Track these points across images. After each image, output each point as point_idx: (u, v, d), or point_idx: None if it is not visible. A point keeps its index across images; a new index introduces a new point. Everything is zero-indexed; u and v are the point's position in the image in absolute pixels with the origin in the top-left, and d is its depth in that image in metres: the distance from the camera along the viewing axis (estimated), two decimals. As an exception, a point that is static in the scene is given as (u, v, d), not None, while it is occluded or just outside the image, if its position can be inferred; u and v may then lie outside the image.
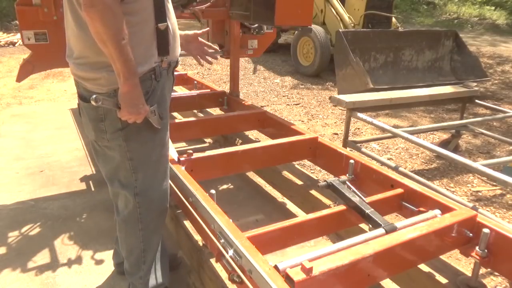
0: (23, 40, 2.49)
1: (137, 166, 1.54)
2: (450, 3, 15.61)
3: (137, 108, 1.37)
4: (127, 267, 1.74)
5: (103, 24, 1.22)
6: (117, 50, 1.26)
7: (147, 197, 1.60)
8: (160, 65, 1.47)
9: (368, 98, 2.99)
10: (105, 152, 1.56)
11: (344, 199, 1.72)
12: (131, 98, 1.35)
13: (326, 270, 1.20)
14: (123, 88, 1.33)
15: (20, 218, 2.51)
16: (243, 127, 2.91)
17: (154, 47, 1.44)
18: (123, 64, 1.28)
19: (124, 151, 1.51)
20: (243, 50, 3.19)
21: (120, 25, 1.25)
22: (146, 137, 1.51)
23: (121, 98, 1.35)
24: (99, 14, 1.21)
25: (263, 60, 7.62)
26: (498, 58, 8.25)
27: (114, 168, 1.57)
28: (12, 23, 10.08)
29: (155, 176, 1.61)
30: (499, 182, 2.04)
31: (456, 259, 2.13)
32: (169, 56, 1.50)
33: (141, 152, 1.53)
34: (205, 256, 1.71)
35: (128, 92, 1.34)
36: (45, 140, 3.73)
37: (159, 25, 1.42)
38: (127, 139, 1.49)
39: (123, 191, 1.59)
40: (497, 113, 3.39)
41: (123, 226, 1.67)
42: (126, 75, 1.30)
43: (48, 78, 6.11)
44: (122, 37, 1.26)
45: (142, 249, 1.67)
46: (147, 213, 1.62)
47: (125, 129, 1.47)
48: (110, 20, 1.23)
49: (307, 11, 2.40)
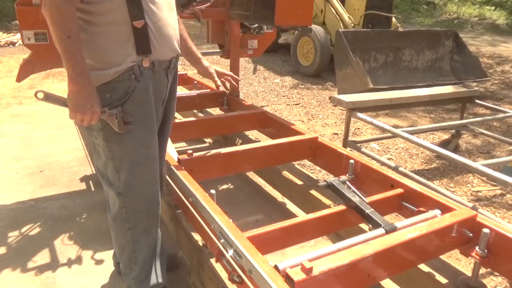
0: (23, 40, 2.48)
1: (118, 166, 1.54)
2: (450, 3, 15.60)
3: (83, 109, 1.35)
4: (122, 267, 1.77)
5: (50, 22, 1.26)
6: (61, 48, 1.28)
7: (131, 197, 1.60)
8: (140, 64, 1.44)
9: (368, 98, 2.99)
10: (96, 148, 1.59)
11: (344, 199, 1.71)
12: (76, 98, 1.34)
13: (326, 270, 1.19)
14: (69, 87, 1.34)
15: (20, 218, 2.51)
16: (243, 127, 2.90)
17: (131, 46, 1.41)
18: (67, 62, 1.29)
19: (106, 150, 1.52)
20: (243, 50, 3.19)
21: (65, 23, 1.26)
22: (124, 138, 1.49)
23: (68, 97, 1.36)
24: (48, 12, 1.26)
25: (263, 60, 7.62)
26: (498, 58, 8.25)
27: (103, 165, 1.59)
28: (12, 23, 10.09)
29: (139, 177, 1.58)
30: (499, 182, 2.04)
31: (456, 259, 2.13)
32: (152, 54, 1.46)
33: (121, 153, 1.52)
34: (205, 256, 1.71)
35: (74, 91, 1.34)
36: (45, 140, 3.73)
37: (135, 23, 1.39)
38: (106, 139, 1.49)
39: (110, 189, 1.61)
40: (497, 113, 3.38)
41: (113, 224, 1.70)
42: (72, 74, 1.31)
43: (48, 78, 6.11)
44: (68, 35, 1.27)
45: (132, 250, 1.68)
46: (133, 213, 1.62)
47: (104, 129, 1.47)
48: (56, 18, 1.26)
49: (307, 11, 2.40)
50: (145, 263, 1.71)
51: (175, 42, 1.58)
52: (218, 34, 3.16)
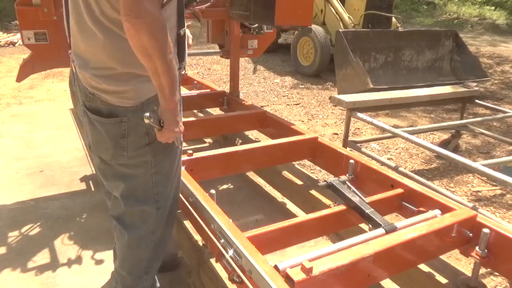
0: (23, 40, 2.49)
1: (160, 180, 1.47)
2: (450, 3, 15.59)
3: (179, 127, 1.31)
4: (127, 284, 1.62)
5: (151, 37, 1.13)
6: (164, 64, 1.18)
7: (167, 207, 1.56)
8: (179, 72, 1.39)
9: (368, 98, 2.99)
10: (121, 170, 1.44)
11: (344, 199, 1.72)
12: (175, 115, 1.27)
13: (326, 270, 1.20)
14: (169, 104, 1.24)
15: (20, 218, 2.50)
16: (243, 127, 2.91)
17: (175, 55, 1.36)
18: (169, 79, 1.21)
19: (150, 167, 1.42)
20: (243, 50, 3.19)
21: (167, 37, 1.17)
22: (171, 149, 1.46)
23: (165, 116, 1.26)
24: (146, 26, 1.12)
25: (263, 60, 7.62)
26: (497, 58, 8.24)
27: (132, 186, 1.46)
28: (12, 23, 10.10)
29: (175, 186, 1.59)
30: (499, 182, 2.04)
31: (456, 259, 2.13)
32: (184, 61, 1.45)
33: (167, 165, 1.48)
34: (205, 256, 1.71)
35: (171, 109, 1.26)
36: (45, 140, 3.73)
37: (180, 31, 1.36)
38: (155, 154, 1.41)
39: (143, 207, 1.49)
40: (497, 113, 3.39)
41: (136, 243, 1.55)
42: (173, 90, 1.23)
43: (48, 78, 6.11)
44: (170, 51, 1.19)
45: (148, 260, 1.60)
46: (161, 225, 1.57)
47: (152, 144, 1.38)
48: (158, 33, 1.14)
49: (307, 11, 2.40)
50: (155, 271, 1.68)
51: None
52: (218, 34, 3.16)
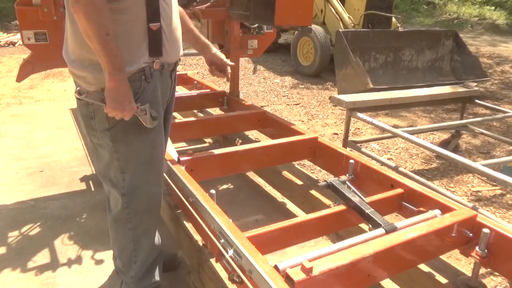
0: (23, 40, 2.49)
1: (124, 167, 1.54)
2: (450, 3, 15.59)
3: (122, 105, 1.35)
4: (119, 266, 1.76)
5: (86, 19, 1.23)
6: (101, 45, 1.26)
7: (135, 198, 1.60)
8: (150, 66, 1.45)
9: (368, 98, 2.99)
10: (97, 149, 1.57)
11: (344, 199, 1.71)
12: (116, 94, 1.34)
13: (326, 270, 1.19)
14: (109, 83, 1.32)
15: (20, 218, 2.51)
16: (243, 127, 2.90)
17: (144, 48, 1.42)
18: (107, 59, 1.28)
19: (111, 151, 1.51)
20: (243, 50, 3.19)
21: (103, 19, 1.25)
22: (133, 138, 1.50)
23: (106, 94, 1.35)
24: (83, 9, 1.22)
25: (263, 60, 7.62)
26: (497, 58, 8.24)
27: (105, 166, 1.57)
28: (12, 23, 10.09)
29: (144, 178, 1.59)
30: (499, 182, 2.04)
31: (456, 259, 2.13)
32: (163, 57, 1.48)
33: (128, 153, 1.52)
34: (205, 256, 1.70)
35: (114, 88, 1.33)
36: (45, 140, 3.73)
37: (151, 25, 1.40)
38: (114, 139, 1.48)
39: (113, 190, 1.60)
40: (497, 113, 3.39)
41: (113, 225, 1.68)
42: (111, 70, 1.30)
43: (48, 78, 6.11)
44: (106, 32, 1.26)
45: (132, 249, 1.67)
46: (136, 214, 1.62)
47: (112, 129, 1.46)
48: (92, 14, 1.23)
49: (307, 11, 2.40)
50: (144, 263, 1.72)
51: (181, 44, 1.61)
52: (218, 34, 3.16)
